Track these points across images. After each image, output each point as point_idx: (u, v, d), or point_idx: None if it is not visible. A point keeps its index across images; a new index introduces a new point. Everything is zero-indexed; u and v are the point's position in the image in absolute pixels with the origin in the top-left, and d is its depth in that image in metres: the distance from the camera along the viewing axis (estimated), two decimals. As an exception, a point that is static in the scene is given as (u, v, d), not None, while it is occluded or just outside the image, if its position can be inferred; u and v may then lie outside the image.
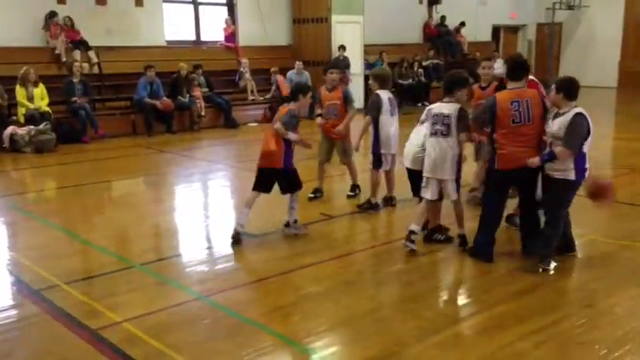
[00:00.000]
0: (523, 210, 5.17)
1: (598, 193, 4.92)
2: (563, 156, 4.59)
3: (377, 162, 6.50)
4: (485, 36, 21.52)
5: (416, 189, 5.61)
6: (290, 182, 5.63)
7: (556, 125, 4.63)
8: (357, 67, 15.54)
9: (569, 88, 4.63)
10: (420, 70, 17.68)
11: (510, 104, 4.74)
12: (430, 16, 19.61)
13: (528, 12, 22.65)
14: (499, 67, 6.26)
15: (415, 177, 5.56)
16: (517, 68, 4.92)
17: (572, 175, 4.65)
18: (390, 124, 6.38)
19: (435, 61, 18.31)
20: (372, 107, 6.36)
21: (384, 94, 6.41)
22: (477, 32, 20.73)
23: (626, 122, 14.61)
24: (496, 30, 22.25)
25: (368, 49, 16.30)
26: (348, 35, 15.35)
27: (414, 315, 4.15)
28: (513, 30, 23.21)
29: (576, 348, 3.72)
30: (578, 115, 4.58)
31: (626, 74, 20.78)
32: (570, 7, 21.45)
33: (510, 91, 4.84)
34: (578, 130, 4.56)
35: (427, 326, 3.97)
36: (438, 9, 19.62)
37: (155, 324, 4.01)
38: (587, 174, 4.75)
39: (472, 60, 19.84)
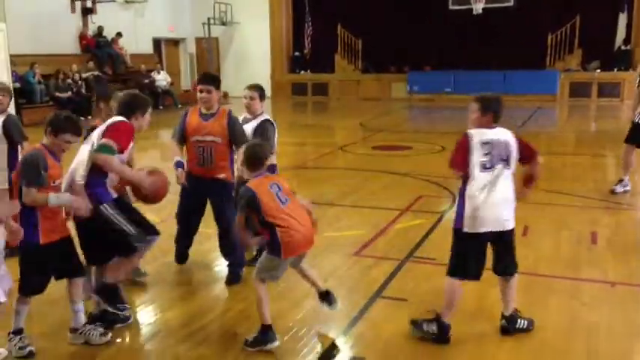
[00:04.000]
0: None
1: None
2: None
3: None
4: (147, 48, 21.58)
5: None
6: None
7: None
8: (3, 78, 13.97)
9: None
10: (81, 83, 16.84)
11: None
12: (85, 25, 18.80)
13: (185, 26, 23.47)
14: (162, 78, 6.22)
15: None
16: None
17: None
18: None
19: (96, 72, 17.61)
20: None
21: None
22: (137, 44, 20.64)
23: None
24: (157, 42, 22.49)
25: (16, 59, 14.85)
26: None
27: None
28: (174, 43, 23.78)
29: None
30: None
31: (277, 85, 23.15)
32: (224, 23, 22.93)
33: None
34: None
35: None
36: (93, 19, 18.92)
37: None
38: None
39: (137, 72, 19.70)
